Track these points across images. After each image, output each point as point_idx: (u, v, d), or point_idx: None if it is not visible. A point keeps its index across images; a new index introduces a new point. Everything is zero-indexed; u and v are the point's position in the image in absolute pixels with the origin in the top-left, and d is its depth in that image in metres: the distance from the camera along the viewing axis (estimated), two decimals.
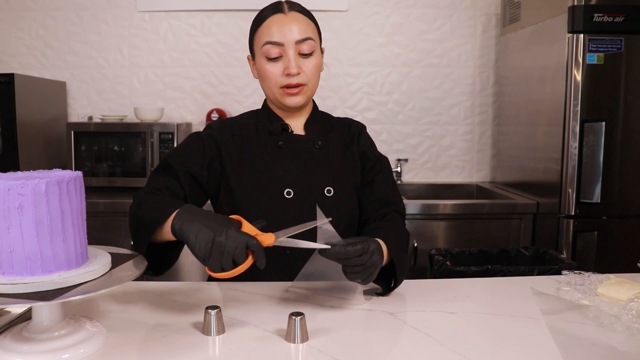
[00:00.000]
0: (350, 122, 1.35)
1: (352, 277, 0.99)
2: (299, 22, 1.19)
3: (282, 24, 1.18)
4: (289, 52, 1.17)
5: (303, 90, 1.20)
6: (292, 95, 1.20)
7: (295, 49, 1.18)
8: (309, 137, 1.26)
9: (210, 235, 0.87)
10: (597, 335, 0.92)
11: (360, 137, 1.32)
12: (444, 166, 2.86)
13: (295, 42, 1.18)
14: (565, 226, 2.08)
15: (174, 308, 1.04)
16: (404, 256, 1.11)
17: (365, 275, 0.99)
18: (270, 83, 1.21)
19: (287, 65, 1.17)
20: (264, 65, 1.20)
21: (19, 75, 2.27)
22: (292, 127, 1.27)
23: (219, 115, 2.65)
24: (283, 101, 1.21)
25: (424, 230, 2.24)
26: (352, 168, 1.27)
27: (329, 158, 1.25)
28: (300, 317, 0.87)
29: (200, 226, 0.89)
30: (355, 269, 0.97)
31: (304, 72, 1.19)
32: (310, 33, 1.20)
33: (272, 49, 1.18)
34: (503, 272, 1.69)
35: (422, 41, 2.79)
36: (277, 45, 1.18)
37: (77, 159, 2.39)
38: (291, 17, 1.19)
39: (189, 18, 2.74)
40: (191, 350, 0.85)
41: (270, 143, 1.24)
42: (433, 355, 0.85)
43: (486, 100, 2.84)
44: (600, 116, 2.02)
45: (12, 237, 0.78)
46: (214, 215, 0.93)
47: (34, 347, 0.81)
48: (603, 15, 1.98)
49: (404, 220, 1.27)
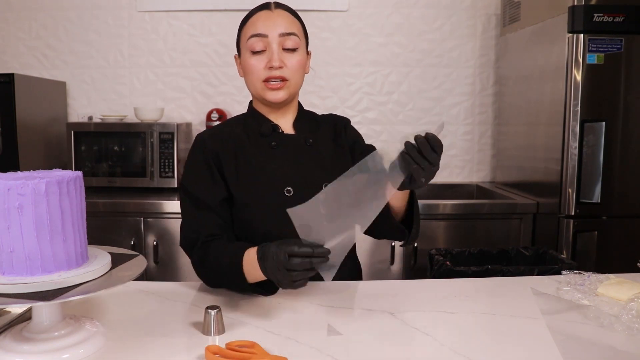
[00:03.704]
0: (335, 117, 1.37)
1: (419, 173, 0.94)
2: (284, 18, 1.22)
3: (267, 18, 1.21)
4: (272, 45, 1.19)
5: (285, 85, 1.21)
6: (273, 90, 1.20)
7: (279, 43, 1.19)
8: (299, 135, 1.27)
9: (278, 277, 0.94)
10: (597, 335, 0.92)
11: (347, 130, 1.35)
12: (444, 166, 2.86)
13: (279, 34, 1.19)
14: (565, 226, 2.08)
15: (174, 308, 1.04)
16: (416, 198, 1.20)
17: (430, 175, 0.96)
18: (253, 77, 1.21)
19: (270, 57, 1.19)
20: (248, 60, 1.21)
21: (19, 75, 2.27)
22: (281, 127, 1.27)
23: (219, 115, 2.65)
24: (265, 96, 1.22)
25: (424, 230, 2.21)
26: (343, 162, 1.28)
27: (320, 154, 1.27)
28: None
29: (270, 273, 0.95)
30: (426, 163, 0.93)
31: (287, 67, 1.20)
32: (295, 30, 1.22)
33: (257, 42, 1.19)
34: (503, 272, 1.69)
35: (422, 41, 2.79)
36: (261, 37, 1.19)
37: (77, 159, 2.39)
38: (277, 13, 1.22)
39: (189, 18, 2.74)
40: (191, 350, 0.85)
41: (262, 144, 1.25)
42: (433, 355, 0.85)
43: (486, 100, 2.84)
44: (600, 116, 2.02)
45: (12, 237, 0.78)
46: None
47: (34, 347, 0.81)
48: (603, 15, 1.98)
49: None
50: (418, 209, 1.21)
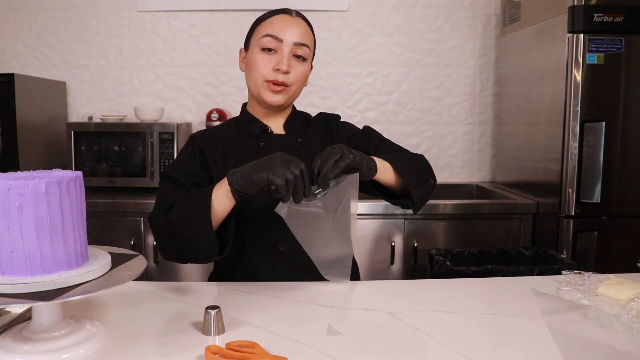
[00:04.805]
0: (325, 116, 1.38)
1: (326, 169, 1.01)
2: (302, 27, 1.23)
3: (286, 23, 1.21)
4: (284, 50, 1.20)
5: (286, 90, 1.22)
6: (274, 93, 1.21)
7: (291, 50, 1.20)
8: (289, 135, 1.28)
9: (264, 163, 0.99)
10: (597, 335, 0.92)
11: (338, 126, 1.35)
12: (444, 166, 2.86)
13: (293, 43, 1.20)
14: (565, 226, 2.08)
15: (174, 308, 1.04)
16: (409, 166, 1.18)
17: (329, 161, 1.01)
18: (257, 74, 1.21)
19: (280, 61, 1.19)
20: (256, 55, 1.21)
21: (19, 75, 2.27)
22: (271, 127, 1.28)
23: (219, 115, 2.65)
24: (264, 96, 1.22)
25: (424, 230, 2.24)
26: None
27: (310, 154, 1.26)
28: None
29: (254, 167, 1.00)
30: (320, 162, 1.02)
31: (292, 73, 1.21)
32: (309, 42, 1.23)
33: (271, 42, 1.20)
34: (503, 272, 1.69)
35: (422, 41, 2.79)
36: (276, 39, 1.20)
37: (77, 159, 2.39)
38: (296, 21, 1.23)
39: (189, 18, 2.74)
40: (191, 350, 0.85)
41: (251, 145, 1.25)
42: (433, 355, 0.85)
43: (486, 100, 2.84)
44: (600, 116, 2.02)
45: (12, 237, 0.78)
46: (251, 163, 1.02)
47: (34, 347, 0.81)
48: (603, 15, 1.98)
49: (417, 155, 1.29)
50: (413, 177, 1.17)
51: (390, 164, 1.15)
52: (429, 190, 1.22)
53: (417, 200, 1.18)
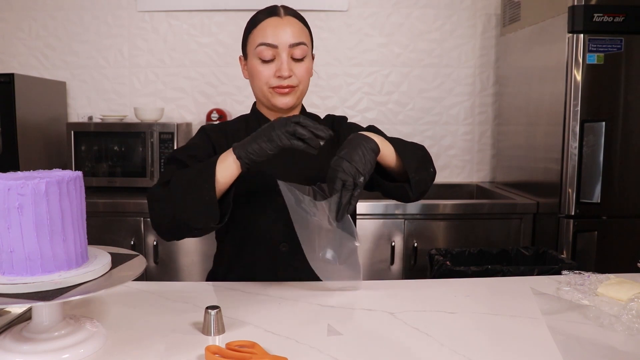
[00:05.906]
0: (332, 117, 1.38)
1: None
2: (294, 26, 1.21)
3: (277, 27, 1.20)
4: (282, 55, 1.19)
5: (293, 90, 1.22)
6: (282, 95, 1.21)
7: (288, 53, 1.20)
8: None
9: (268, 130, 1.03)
10: (597, 335, 0.92)
11: (343, 127, 1.35)
12: (444, 166, 2.86)
13: (288, 45, 1.19)
14: (565, 226, 2.08)
15: (174, 308, 1.04)
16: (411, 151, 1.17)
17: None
18: (261, 83, 1.22)
19: (280, 67, 1.19)
20: (257, 66, 1.21)
21: (19, 75, 2.27)
22: None
23: (219, 115, 2.65)
24: (273, 100, 1.22)
25: (424, 230, 2.24)
26: None
27: (318, 155, 1.26)
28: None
29: (258, 136, 1.03)
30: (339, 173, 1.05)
31: (295, 75, 1.21)
32: (304, 38, 1.22)
33: (266, 50, 1.19)
34: (503, 272, 1.69)
35: (422, 41, 2.79)
36: (271, 47, 1.19)
37: (77, 159, 2.39)
38: (286, 21, 1.21)
39: (189, 18, 2.74)
40: (191, 350, 0.85)
41: None
42: (433, 355, 0.85)
43: (486, 100, 2.84)
44: (600, 116, 2.02)
45: (12, 237, 0.78)
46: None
47: (34, 347, 0.81)
48: (603, 15, 1.98)
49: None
50: (413, 161, 1.15)
51: (392, 146, 1.14)
52: (428, 177, 1.19)
53: (415, 184, 1.14)
